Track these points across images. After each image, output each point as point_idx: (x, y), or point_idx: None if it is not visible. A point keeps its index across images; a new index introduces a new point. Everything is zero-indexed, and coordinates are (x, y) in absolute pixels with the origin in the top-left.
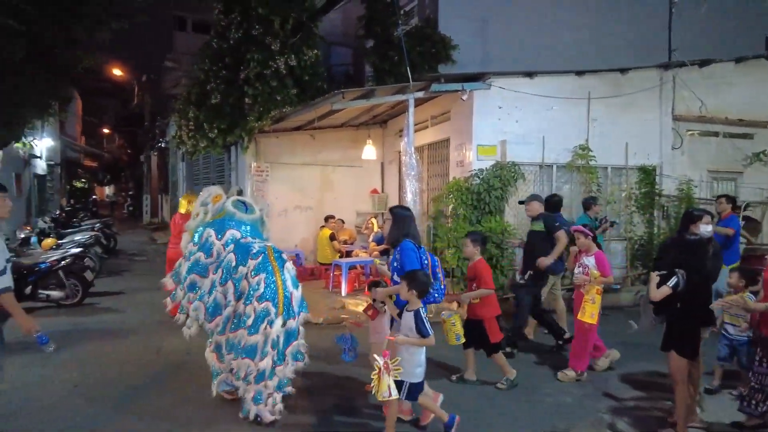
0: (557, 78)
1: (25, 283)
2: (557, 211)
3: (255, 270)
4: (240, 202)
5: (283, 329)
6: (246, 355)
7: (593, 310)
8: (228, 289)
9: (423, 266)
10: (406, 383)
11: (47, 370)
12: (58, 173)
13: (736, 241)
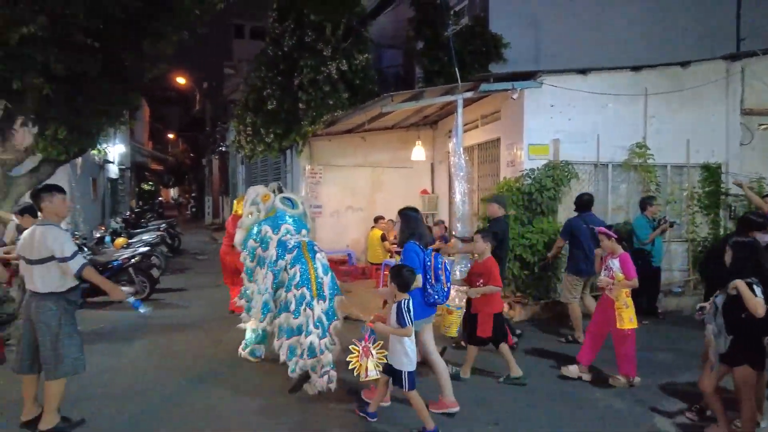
0: (612, 74)
1: None
2: (587, 210)
3: (291, 263)
4: (286, 199)
5: (319, 307)
6: (293, 335)
7: (630, 314)
8: (268, 279)
9: (426, 267)
10: (402, 372)
11: (118, 360)
12: (128, 177)
13: None
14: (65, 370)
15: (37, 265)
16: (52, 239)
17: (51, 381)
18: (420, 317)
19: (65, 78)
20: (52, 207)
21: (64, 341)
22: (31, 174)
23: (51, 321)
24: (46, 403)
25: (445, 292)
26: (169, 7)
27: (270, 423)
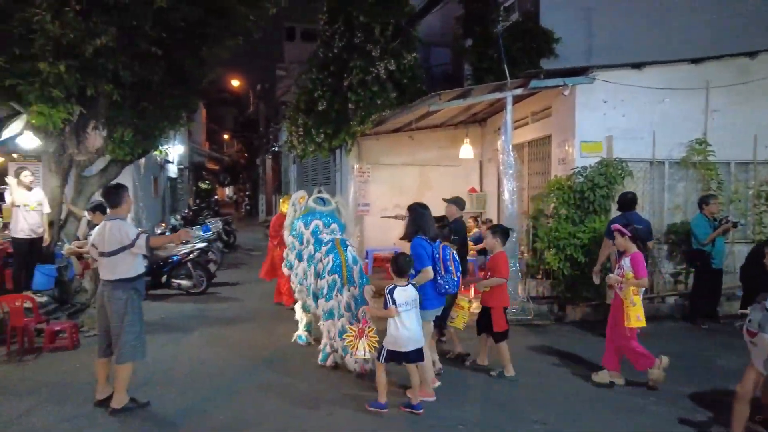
0: (669, 68)
1: (161, 273)
2: (631, 209)
3: (326, 253)
4: (319, 198)
5: (349, 293)
6: (328, 318)
7: (637, 312)
8: (309, 273)
9: (435, 259)
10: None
11: (178, 348)
12: (186, 176)
13: None
14: (126, 355)
15: (108, 256)
16: (119, 232)
17: (118, 365)
18: (435, 306)
19: (131, 84)
20: (127, 204)
21: (127, 328)
22: (101, 174)
23: (118, 309)
24: (115, 385)
25: (455, 282)
26: (225, 14)
27: (320, 414)
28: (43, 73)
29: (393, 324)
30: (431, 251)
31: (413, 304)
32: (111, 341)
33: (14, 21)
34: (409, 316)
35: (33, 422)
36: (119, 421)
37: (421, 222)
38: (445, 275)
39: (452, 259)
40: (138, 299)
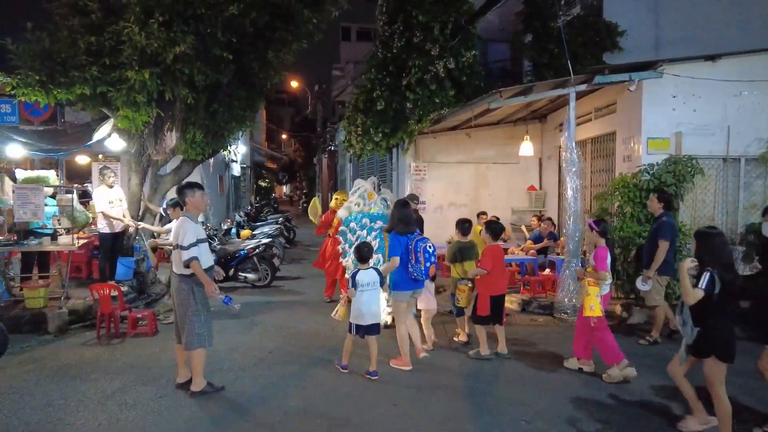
0: (748, 58)
1: (228, 266)
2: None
3: (374, 238)
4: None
5: None
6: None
7: (591, 302)
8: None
9: (407, 250)
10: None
11: (248, 337)
12: (248, 175)
13: None
14: (193, 343)
15: (174, 249)
16: (182, 229)
17: (190, 352)
18: (405, 289)
19: (204, 88)
20: (194, 201)
21: (191, 318)
22: (174, 172)
23: (183, 299)
24: (192, 370)
25: (423, 271)
26: (290, 18)
27: (386, 397)
28: (130, 80)
29: (356, 301)
30: (405, 243)
31: (374, 285)
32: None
33: (106, 34)
34: (370, 295)
35: (126, 399)
36: (198, 404)
37: (397, 218)
38: (415, 264)
39: (423, 252)
40: (202, 290)
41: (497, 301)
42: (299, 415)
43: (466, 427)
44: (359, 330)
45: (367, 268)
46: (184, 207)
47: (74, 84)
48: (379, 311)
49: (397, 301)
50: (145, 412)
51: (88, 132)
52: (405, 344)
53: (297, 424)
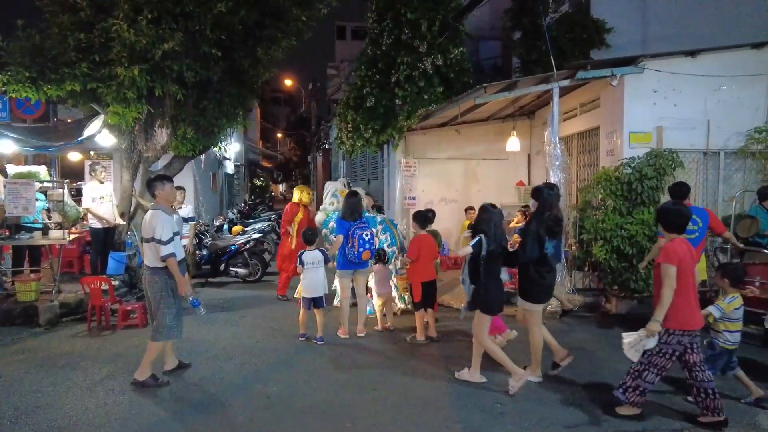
0: (727, 54)
1: (220, 261)
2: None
3: (382, 231)
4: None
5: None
6: None
7: None
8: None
9: (351, 232)
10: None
11: (237, 328)
12: (242, 173)
13: None
14: (161, 335)
15: (145, 243)
16: (155, 222)
17: (152, 342)
18: (345, 268)
19: (193, 84)
20: (164, 193)
21: (164, 310)
22: (165, 169)
23: (157, 292)
24: (144, 358)
25: (356, 255)
26: (280, 16)
27: (368, 383)
28: (120, 76)
29: (303, 278)
30: (347, 228)
31: (319, 264)
32: None
33: (95, 30)
34: (314, 272)
35: (114, 386)
36: (183, 390)
37: (345, 207)
38: (350, 249)
39: (358, 239)
40: (174, 283)
41: (428, 287)
42: (282, 401)
43: (446, 411)
44: (307, 303)
45: (312, 249)
46: (155, 200)
47: (64, 80)
48: (322, 286)
49: (340, 278)
50: (131, 398)
51: (79, 129)
52: (344, 316)
53: (279, 409)
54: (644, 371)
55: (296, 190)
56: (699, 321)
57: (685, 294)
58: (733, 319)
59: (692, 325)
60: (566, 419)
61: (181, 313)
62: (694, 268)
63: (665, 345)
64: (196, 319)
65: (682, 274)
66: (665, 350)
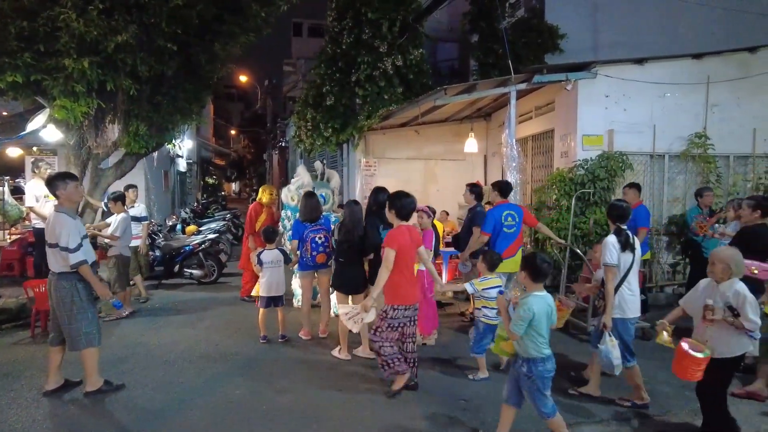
0: (671, 63)
1: (173, 262)
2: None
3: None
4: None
5: None
6: None
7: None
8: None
9: (304, 236)
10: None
11: (194, 331)
12: (194, 171)
13: None
14: (80, 343)
15: (49, 248)
16: (59, 227)
17: (81, 352)
18: (304, 269)
19: (147, 79)
20: (67, 193)
21: (77, 316)
22: (116, 166)
23: (65, 297)
24: (85, 371)
25: (311, 258)
26: (238, 11)
27: (332, 383)
28: (68, 68)
29: (262, 276)
30: (301, 232)
31: (278, 263)
32: (59, 330)
33: (40, 19)
34: (273, 272)
35: (63, 395)
36: (141, 397)
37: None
38: (305, 252)
39: (311, 242)
40: (86, 287)
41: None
42: (245, 404)
43: (413, 408)
44: (267, 302)
45: (272, 249)
46: (58, 201)
47: (5, 71)
48: (282, 285)
49: (301, 278)
50: (83, 407)
51: (20, 123)
52: (306, 317)
53: (242, 413)
54: (382, 347)
55: (260, 190)
56: (415, 296)
57: (404, 273)
58: (487, 298)
59: (411, 300)
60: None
61: (97, 318)
62: (414, 251)
63: (392, 319)
64: (151, 322)
65: (401, 256)
66: (393, 324)
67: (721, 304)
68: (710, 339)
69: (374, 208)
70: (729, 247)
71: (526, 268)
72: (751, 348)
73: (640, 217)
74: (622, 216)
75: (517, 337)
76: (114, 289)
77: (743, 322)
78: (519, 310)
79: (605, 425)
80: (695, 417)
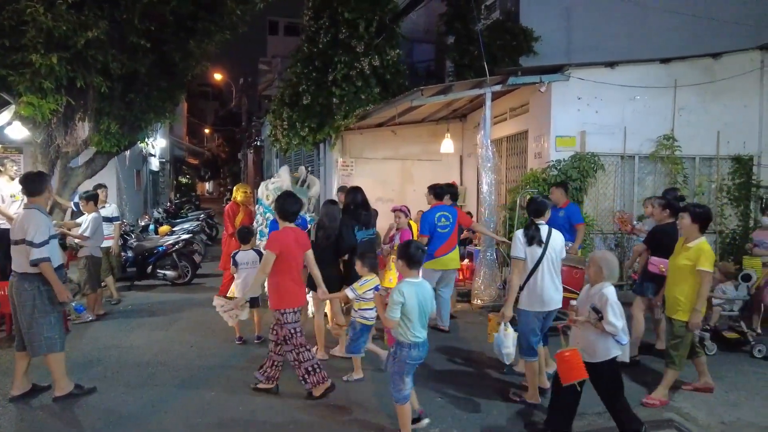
0: (640, 66)
1: (146, 263)
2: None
3: None
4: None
5: None
6: None
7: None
8: None
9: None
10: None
11: (168, 333)
12: (168, 170)
13: None
14: (41, 347)
15: (15, 245)
16: (29, 222)
17: (43, 356)
18: None
19: (119, 76)
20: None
21: (39, 320)
22: (86, 165)
23: (27, 300)
24: (53, 375)
25: None
26: (214, 8)
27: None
28: (35, 64)
29: (237, 277)
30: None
31: (253, 264)
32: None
33: (5, 12)
34: (249, 273)
35: (30, 400)
36: (114, 401)
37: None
38: None
39: None
40: (49, 290)
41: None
42: (221, 406)
43: (388, 409)
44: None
45: (247, 249)
46: (35, 198)
47: None
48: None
49: None
50: (52, 413)
51: None
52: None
53: (217, 414)
54: (300, 354)
55: (234, 189)
56: (302, 299)
57: (289, 276)
58: (366, 299)
59: (298, 303)
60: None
61: (61, 322)
62: (300, 253)
63: (288, 324)
64: (123, 324)
65: (284, 259)
66: (291, 328)
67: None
68: (580, 341)
69: (350, 207)
70: (606, 251)
71: (402, 256)
72: (619, 353)
73: (573, 214)
74: (536, 211)
75: (393, 324)
76: (85, 290)
77: (604, 324)
78: (392, 295)
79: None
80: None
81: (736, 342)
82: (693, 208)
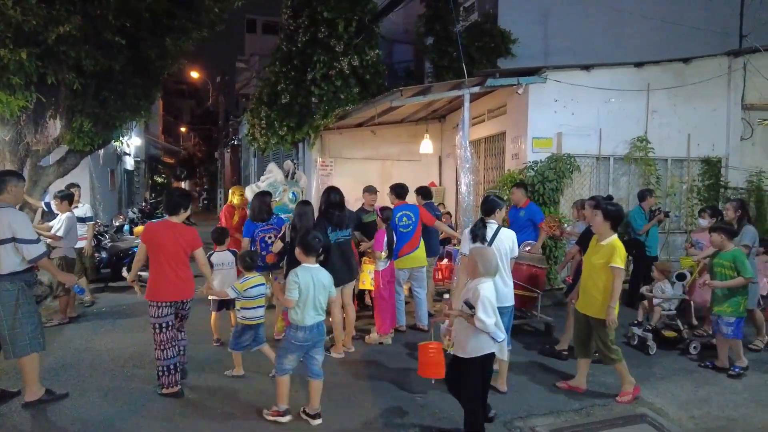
0: (615, 70)
1: (121, 264)
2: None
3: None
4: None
5: None
6: None
7: (363, 278)
8: None
9: (254, 235)
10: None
11: (144, 335)
12: (143, 169)
13: None
14: (25, 348)
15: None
16: (12, 221)
17: (19, 359)
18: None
19: (93, 73)
20: (16, 191)
21: (22, 320)
22: (58, 164)
23: (10, 301)
24: (24, 380)
25: (261, 257)
26: (190, 5)
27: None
28: (3, 59)
29: (214, 279)
30: (253, 229)
31: (229, 265)
32: None
33: None
34: (224, 274)
35: (0, 408)
36: (89, 404)
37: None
38: (258, 249)
39: (260, 241)
40: (30, 290)
41: None
42: (199, 407)
43: (366, 406)
44: (218, 305)
45: (223, 250)
46: (2, 197)
47: None
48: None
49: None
50: (21, 419)
51: None
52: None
53: (195, 416)
54: (162, 351)
55: (230, 192)
56: (179, 293)
57: (160, 269)
58: (249, 297)
59: (171, 296)
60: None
61: (41, 323)
62: (177, 249)
63: (156, 318)
64: (97, 326)
65: (155, 252)
66: (159, 323)
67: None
68: (455, 335)
69: (324, 207)
70: (485, 247)
71: (299, 244)
72: (494, 350)
73: (534, 214)
74: (487, 210)
75: (291, 303)
76: (57, 293)
77: (475, 320)
78: (289, 277)
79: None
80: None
81: (674, 340)
82: (605, 206)
